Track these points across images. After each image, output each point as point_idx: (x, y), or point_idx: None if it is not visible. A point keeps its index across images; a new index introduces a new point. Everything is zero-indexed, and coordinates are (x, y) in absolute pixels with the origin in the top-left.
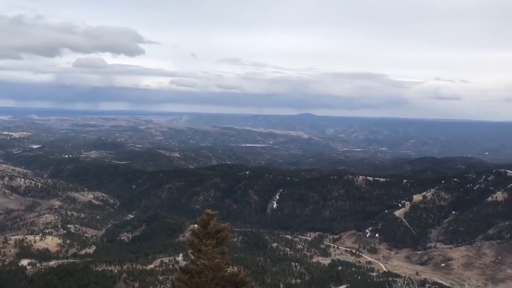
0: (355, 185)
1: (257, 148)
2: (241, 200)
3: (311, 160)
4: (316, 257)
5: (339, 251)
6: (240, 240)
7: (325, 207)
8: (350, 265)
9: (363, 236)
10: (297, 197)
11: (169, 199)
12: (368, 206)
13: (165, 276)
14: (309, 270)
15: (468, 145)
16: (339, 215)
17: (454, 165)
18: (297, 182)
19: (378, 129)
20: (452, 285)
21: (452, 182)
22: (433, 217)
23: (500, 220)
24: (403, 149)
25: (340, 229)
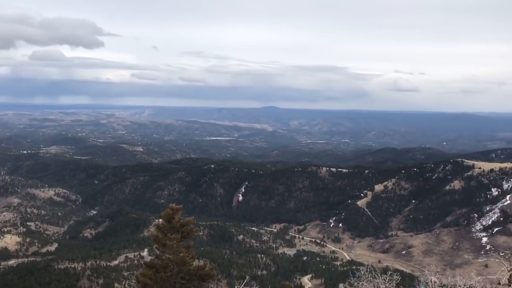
0: (319, 176)
1: (222, 142)
2: (207, 194)
3: (276, 152)
4: (281, 248)
5: (304, 241)
6: (206, 234)
7: (290, 198)
8: (315, 255)
9: (327, 226)
10: (263, 190)
11: (133, 194)
12: (331, 197)
13: (130, 272)
14: (275, 261)
15: (427, 136)
16: (304, 206)
17: (413, 156)
18: (262, 174)
19: (340, 121)
20: (413, 271)
21: (412, 172)
22: (394, 206)
23: (457, 208)
24: (364, 141)
25: (305, 220)
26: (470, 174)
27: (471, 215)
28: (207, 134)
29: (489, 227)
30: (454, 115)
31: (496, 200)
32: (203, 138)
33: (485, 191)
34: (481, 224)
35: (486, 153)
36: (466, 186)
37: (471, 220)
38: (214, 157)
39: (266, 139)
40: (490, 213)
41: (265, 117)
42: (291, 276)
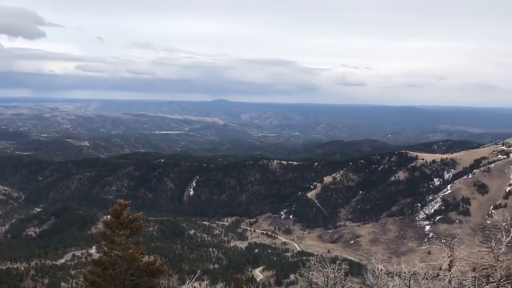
0: (270, 169)
1: (172, 135)
2: (157, 189)
3: (227, 146)
4: (233, 241)
5: (256, 234)
6: (156, 229)
7: (242, 192)
8: (266, 247)
9: (278, 218)
10: (214, 184)
11: (80, 190)
12: (283, 189)
13: (78, 270)
14: (227, 254)
15: (373, 129)
16: (255, 199)
17: (360, 148)
18: (214, 168)
19: (290, 114)
20: (360, 260)
21: (359, 164)
22: (342, 197)
23: (402, 198)
24: (314, 134)
25: (256, 213)
26: (414, 165)
27: (415, 204)
28: (157, 128)
29: (431, 216)
30: (398, 108)
31: (438, 189)
32: (153, 132)
33: (427, 181)
34: (424, 213)
35: (428, 145)
36: (410, 176)
37: (415, 209)
38: (164, 151)
39: (217, 133)
40: (433, 202)
41: (216, 111)
42: (243, 269)
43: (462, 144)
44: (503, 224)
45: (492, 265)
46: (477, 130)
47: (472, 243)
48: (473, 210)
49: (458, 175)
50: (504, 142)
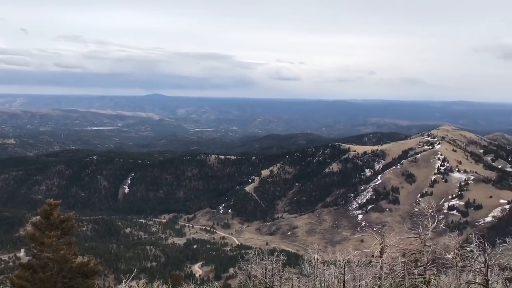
0: (208, 164)
1: (105, 131)
2: (89, 187)
3: (163, 141)
4: (171, 238)
5: (194, 230)
6: (90, 229)
7: (179, 188)
8: (205, 243)
9: (217, 213)
10: (150, 180)
11: (5, 190)
12: (221, 184)
13: (5, 276)
14: (165, 251)
15: (308, 122)
16: (193, 195)
17: (296, 141)
18: (150, 164)
19: (228, 109)
20: (297, 251)
21: (295, 157)
22: (279, 189)
23: (336, 189)
24: (251, 128)
25: (194, 209)
26: (347, 157)
27: (348, 194)
28: (88, 124)
29: (364, 205)
30: (331, 102)
31: (369, 180)
32: (84, 128)
33: (359, 172)
34: (357, 203)
35: (360, 137)
36: (344, 168)
37: (348, 199)
38: (96, 148)
39: (153, 128)
40: (365, 192)
41: (151, 105)
42: (181, 265)
43: (391, 136)
44: (429, 211)
45: (419, 250)
46: (405, 123)
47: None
48: (402, 198)
49: (387, 165)
50: (429, 134)
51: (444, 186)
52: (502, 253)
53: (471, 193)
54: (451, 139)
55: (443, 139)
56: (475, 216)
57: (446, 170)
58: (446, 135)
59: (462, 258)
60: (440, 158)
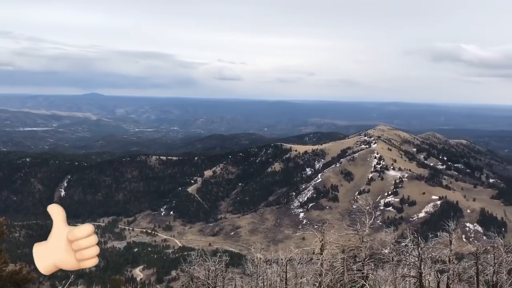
0: (148, 165)
1: (39, 132)
2: (22, 191)
3: (101, 142)
4: (111, 242)
5: (135, 232)
6: (24, 234)
7: (119, 190)
8: (146, 245)
9: (158, 215)
10: (88, 183)
11: None
12: (162, 185)
13: None
14: (104, 256)
15: (250, 122)
16: (134, 197)
17: (239, 141)
18: (87, 166)
19: (169, 108)
20: (241, 250)
21: (238, 157)
22: (222, 190)
23: (278, 188)
24: (193, 128)
25: (135, 211)
26: (288, 156)
27: (290, 193)
28: (20, 124)
29: (305, 203)
30: (273, 102)
31: (310, 178)
32: (15, 129)
33: (301, 171)
34: (298, 201)
35: (301, 137)
36: (285, 167)
37: (290, 198)
38: (29, 149)
39: (90, 129)
40: (306, 190)
41: (88, 105)
42: (121, 269)
43: (330, 136)
44: (366, 208)
45: (358, 246)
46: (343, 123)
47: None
48: (341, 196)
49: (327, 164)
50: (366, 133)
51: (380, 184)
52: (434, 246)
53: (406, 190)
54: (386, 139)
55: (379, 138)
56: (409, 212)
57: (382, 168)
58: (382, 135)
59: (397, 253)
60: (377, 157)
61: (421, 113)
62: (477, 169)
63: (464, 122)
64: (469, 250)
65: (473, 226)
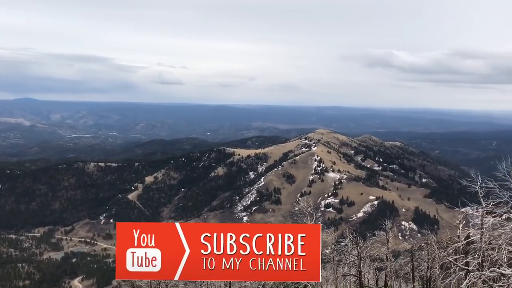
0: (86, 172)
1: None
2: None
3: (35, 149)
4: (47, 253)
5: (73, 242)
6: None
7: (55, 198)
8: (85, 255)
9: (98, 224)
10: (21, 192)
11: None
12: (101, 193)
13: None
14: (40, 268)
15: (192, 127)
16: (71, 206)
17: (181, 146)
18: (20, 174)
19: (107, 113)
20: None
21: (180, 162)
22: (164, 196)
23: (222, 192)
24: (133, 133)
25: (72, 220)
26: (231, 160)
27: (233, 197)
28: None
29: (248, 207)
30: (215, 107)
31: (253, 182)
32: None
33: (244, 175)
34: (242, 205)
35: (244, 141)
36: (229, 171)
37: (233, 202)
38: None
39: (23, 135)
40: (249, 194)
41: (21, 110)
42: (59, 281)
43: (273, 140)
44: (308, 209)
45: None
46: (285, 126)
47: None
48: (283, 198)
49: (270, 167)
50: (306, 137)
51: (321, 185)
52: (372, 245)
53: (345, 191)
54: (326, 142)
55: (319, 141)
56: (348, 212)
57: (322, 170)
58: (322, 138)
59: (338, 253)
60: (317, 159)
61: (358, 116)
62: (411, 170)
63: (398, 125)
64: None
65: (408, 224)
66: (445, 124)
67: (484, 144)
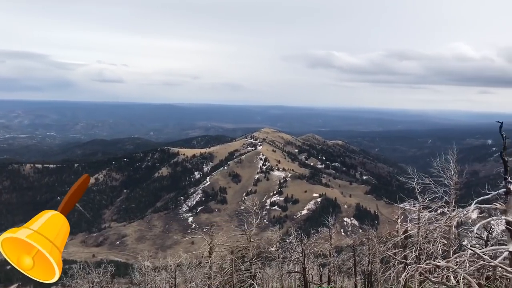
0: (22, 174)
1: None
2: None
3: None
4: None
5: None
6: None
7: None
8: None
9: None
10: None
11: None
12: (38, 195)
13: None
14: None
15: (135, 126)
16: (5, 210)
17: (123, 146)
18: None
19: (44, 113)
20: (127, 260)
21: (122, 163)
22: (106, 198)
23: (166, 193)
24: (73, 133)
25: (7, 225)
26: (176, 160)
27: (178, 198)
28: None
29: (194, 207)
30: (158, 105)
31: (199, 182)
32: None
33: (189, 175)
34: (187, 205)
35: (188, 141)
36: (173, 172)
37: (178, 202)
38: None
39: None
40: (194, 194)
41: None
42: None
43: (218, 139)
44: (253, 208)
45: (245, 246)
46: (230, 126)
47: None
48: (229, 198)
49: (215, 167)
50: (252, 136)
51: (266, 184)
52: (316, 242)
53: (289, 189)
54: (271, 141)
55: (264, 140)
56: (293, 210)
57: (268, 169)
58: (267, 137)
59: (283, 250)
60: (262, 158)
61: (302, 116)
62: (352, 168)
63: (340, 124)
64: (347, 243)
65: (350, 220)
66: (384, 123)
67: (420, 142)
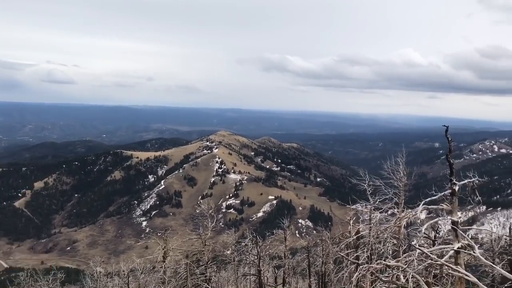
0: None
1: None
2: None
3: None
4: None
5: None
6: None
7: None
8: None
9: None
10: None
11: None
12: None
13: None
14: None
15: (86, 129)
16: None
17: (74, 149)
18: None
19: None
20: (78, 266)
21: (73, 166)
22: (56, 202)
23: (119, 197)
24: (20, 136)
25: None
26: (129, 163)
27: (132, 202)
28: None
29: (148, 211)
30: (111, 107)
31: (153, 185)
32: None
33: (143, 179)
34: (141, 210)
35: (142, 143)
36: (126, 175)
37: (132, 207)
38: None
39: None
40: (148, 198)
41: None
42: None
43: (173, 142)
44: (209, 211)
45: (201, 250)
46: (185, 128)
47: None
48: (184, 201)
49: (170, 170)
50: (208, 139)
51: (222, 187)
52: (271, 244)
53: (245, 192)
54: (227, 143)
55: (220, 143)
56: (249, 213)
57: (224, 172)
58: (223, 140)
59: (238, 253)
60: (218, 161)
61: (257, 119)
62: (307, 170)
63: (295, 127)
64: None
65: (304, 222)
66: (337, 126)
67: (372, 145)
